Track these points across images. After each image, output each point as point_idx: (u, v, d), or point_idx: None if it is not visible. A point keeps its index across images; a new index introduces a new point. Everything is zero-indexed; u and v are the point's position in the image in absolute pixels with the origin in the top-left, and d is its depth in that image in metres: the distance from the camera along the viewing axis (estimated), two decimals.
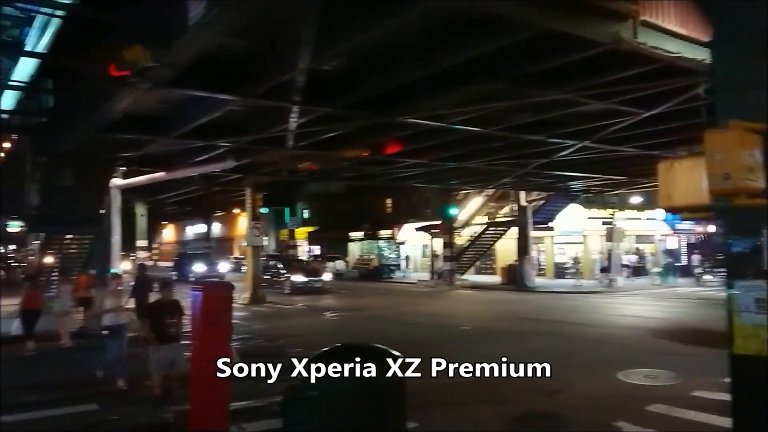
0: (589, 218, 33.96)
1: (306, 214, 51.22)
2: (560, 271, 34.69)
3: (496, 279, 33.05)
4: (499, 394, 8.51)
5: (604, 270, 29.28)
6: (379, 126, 14.32)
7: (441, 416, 7.72)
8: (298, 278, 27.04)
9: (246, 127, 15.05)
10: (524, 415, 7.84)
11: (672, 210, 6.61)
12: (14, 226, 33.90)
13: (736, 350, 4.71)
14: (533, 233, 31.42)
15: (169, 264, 45.88)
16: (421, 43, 9.18)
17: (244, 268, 31.81)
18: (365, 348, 5.97)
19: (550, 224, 33.46)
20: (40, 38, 12.28)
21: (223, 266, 40.40)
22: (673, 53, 8.64)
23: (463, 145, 16.98)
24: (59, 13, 10.59)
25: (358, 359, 5.31)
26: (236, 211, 50.48)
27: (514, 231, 31.67)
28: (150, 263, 46.09)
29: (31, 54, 12.53)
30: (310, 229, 49.56)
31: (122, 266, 21.07)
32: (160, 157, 18.94)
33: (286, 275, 27.67)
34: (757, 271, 4.62)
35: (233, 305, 7.44)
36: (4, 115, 18.40)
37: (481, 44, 8.51)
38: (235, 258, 48.16)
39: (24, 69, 14.24)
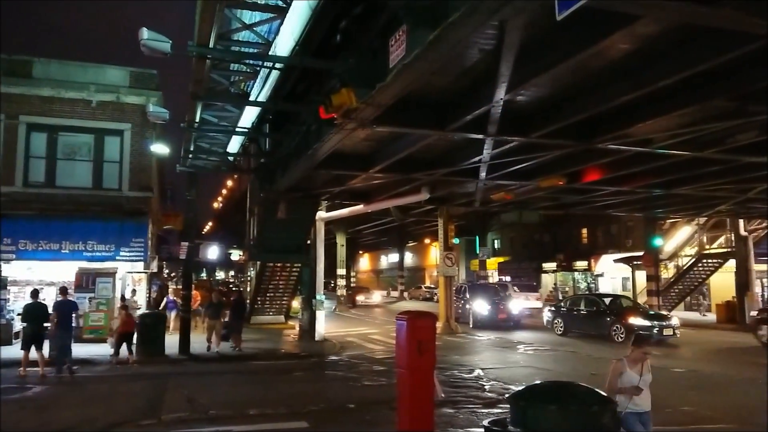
0: None
1: (497, 244, 50.82)
2: None
3: (710, 317, 29.74)
4: None
5: None
6: (577, 153, 13.82)
7: None
8: (638, 321, 20.08)
9: (440, 160, 15.45)
10: None
11: None
12: (236, 255, 38.18)
13: None
14: (756, 266, 27.88)
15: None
16: (629, 63, 8.72)
17: (546, 309, 26.14)
18: (571, 387, 5.70)
19: None
20: (261, 89, 13.80)
21: (516, 303, 28.49)
22: None
23: (671, 170, 15.69)
24: (279, 66, 11.83)
25: (562, 398, 5.09)
26: (427, 241, 51.77)
27: (731, 264, 28.39)
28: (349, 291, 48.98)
29: (255, 103, 14.09)
30: (501, 259, 49.02)
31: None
32: (360, 191, 20.13)
33: (610, 317, 21.33)
34: None
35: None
36: (231, 158, 20.94)
37: (699, 61, 7.79)
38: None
39: (247, 116, 16.10)
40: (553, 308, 25.35)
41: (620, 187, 18.01)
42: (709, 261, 30.98)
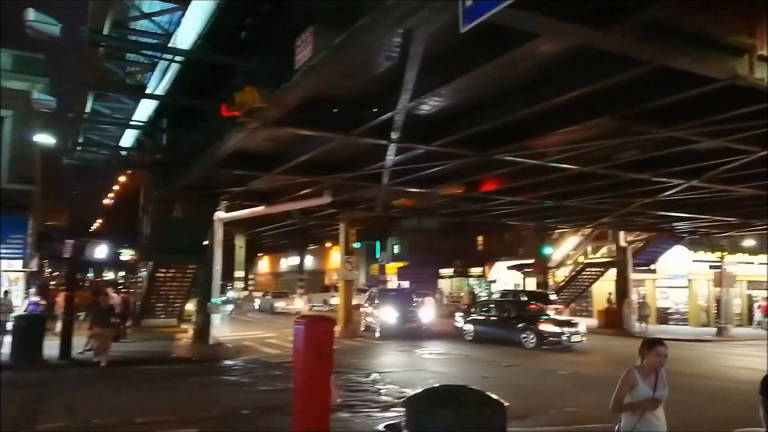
0: (694, 261, 32.04)
1: (396, 249, 51.55)
2: (663, 316, 32.86)
3: (592, 322, 31.63)
4: None
5: None
6: (476, 163, 14.29)
7: None
8: (549, 328, 20.42)
9: (344, 164, 15.47)
10: None
11: None
12: (126, 255, 36.31)
13: None
14: (633, 275, 30.02)
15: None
16: (526, 81, 9.14)
17: (457, 315, 25.30)
18: (464, 390, 5.84)
19: (651, 266, 31.93)
20: (159, 81, 13.24)
21: (427, 312, 26.22)
22: None
23: (561, 183, 16.60)
24: (179, 59, 11.40)
25: (455, 402, 5.20)
26: (329, 244, 51.60)
27: (612, 272, 30.39)
28: (245, 293, 47.90)
29: (152, 96, 13.49)
30: (400, 264, 49.72)
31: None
32: (262, 192, 19.77)
33: (520, 323, 21.04)
34: None
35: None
36: (124, 152, 19.92)
37: (590, 81, 8.33)
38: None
39: (143, 110, 15.39)
40: (463, 315, 24.92)
41: (515, 197, 18.82)
42: (593, 269, 32.98)
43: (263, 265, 72.41)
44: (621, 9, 6.17)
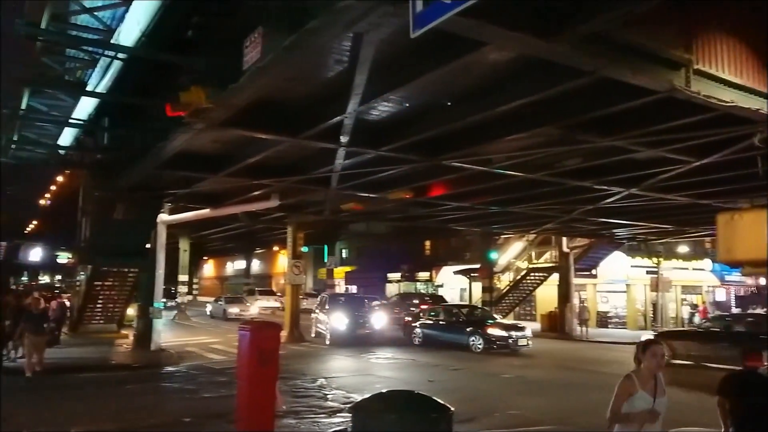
0: (632, 266, 33.20)
1: (344, 253, 51.49)
2: (603, 319, 33.87)
3: (536, 326, 32.32)
4: None
5: None
6: (425, 169, 14.40)
7: None
8: (496, 332, 20.63)
9: (293, 167, 15.33)
10: None
11: (733, 264, 6.41)
12: (63, 258, 34.94)
13: None
14: (575, 280, 30.83)
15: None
16: (474, 88, 9.27)
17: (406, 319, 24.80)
18: (410, 395, 5.83)
19: (592, 272, 32.86)
20: (101, 79, 12.83)
21: (379, 317, 24.81)
22: (728, 102, 8.46)
23: (508, 190, 16.90)
24: (121, 55, 11.07)
25: (402, 407, 5.20)
26: (276, 248, 51.06)
27: (555, 277, 31.13)
28: (190, 298, 46.78)
29: (92, 94, 13.07)
30: (348, 268, 49.67)
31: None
32: (208, 194, 19.38)
33: (469, 327, 21.21)
34: None
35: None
36: (62, 151, 19.20)
37: (535, 90, 8.53)
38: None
39: (83, 108, 14.88)
40: (411, 319, 24.64)
41: (462, 202, 19.07)
42: (537, 274, 33.70)
43: (208, 269, 71.07)
44: (564, 20, 6.34)
